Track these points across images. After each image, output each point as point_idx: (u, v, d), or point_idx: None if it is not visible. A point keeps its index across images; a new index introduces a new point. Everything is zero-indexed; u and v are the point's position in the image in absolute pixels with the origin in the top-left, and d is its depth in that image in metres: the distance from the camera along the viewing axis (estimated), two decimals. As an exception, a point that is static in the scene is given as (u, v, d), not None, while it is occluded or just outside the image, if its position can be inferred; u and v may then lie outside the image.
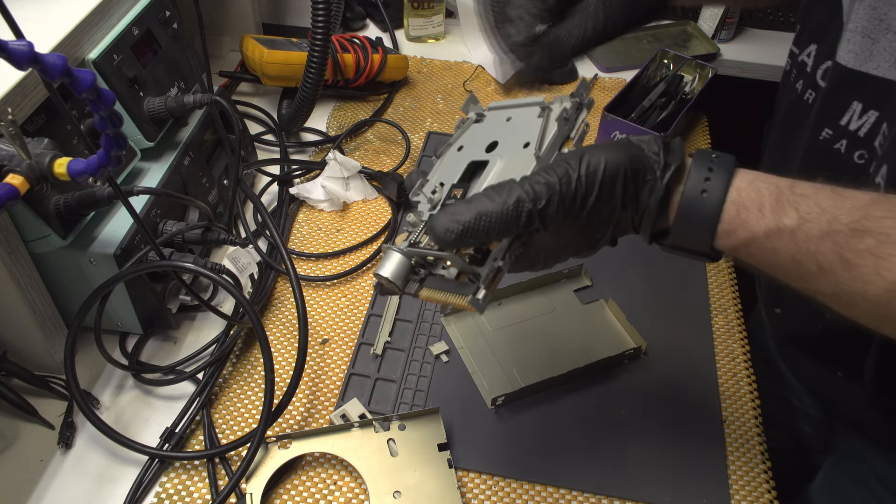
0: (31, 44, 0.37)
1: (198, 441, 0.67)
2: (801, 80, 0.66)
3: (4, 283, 0.61)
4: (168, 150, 0.78)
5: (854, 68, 0.58)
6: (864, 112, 0.58)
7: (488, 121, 0.58)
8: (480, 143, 0.55)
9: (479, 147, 0.55)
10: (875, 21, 0.56)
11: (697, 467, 0.66)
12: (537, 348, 0.75)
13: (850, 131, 0.59)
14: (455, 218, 0.44)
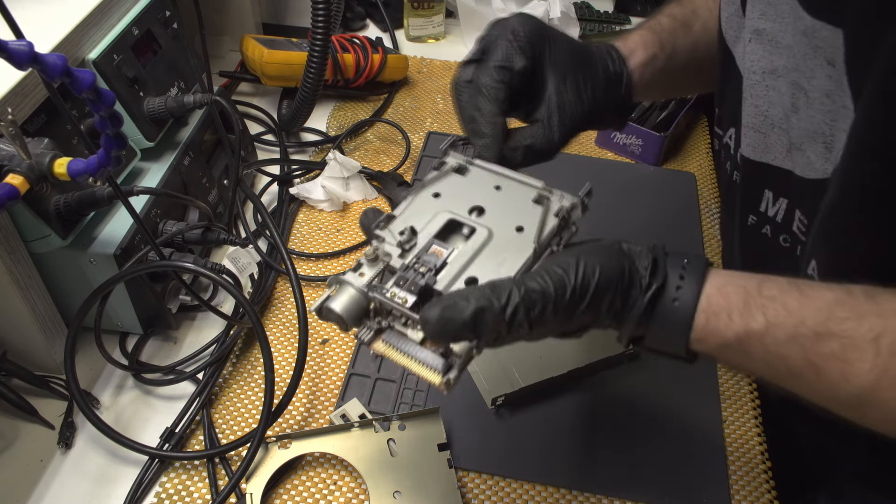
0: (31, 44, 0.37)
1: (198, 441, 0.67)
2: (728, 161, 0.67)
3: (4, 283, 0.61)
4: (168, 150, 0.78)
5: (755, 160, 0.60)
6: (775, 199, 0.59)
7: (472, 178, 0.53)
8: (463, 201, 0.50)
9: (461, 204, 0.50)
10: (760, 117, 0.58)
11: (697, 467, 0.66)
12: (537, 348, 0.75)
13: (770, 217, 0.60)
14: (452, 315, 0.41)
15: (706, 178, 0.98)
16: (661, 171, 0.99)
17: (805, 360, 0.42)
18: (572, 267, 0.44)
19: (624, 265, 0.45)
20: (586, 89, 0.58)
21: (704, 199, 0.95)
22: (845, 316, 0.41)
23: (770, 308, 0.43)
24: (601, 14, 1.30)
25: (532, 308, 0.43)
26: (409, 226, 0.49)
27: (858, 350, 0.41)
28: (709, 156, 1.02)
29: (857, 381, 0.41)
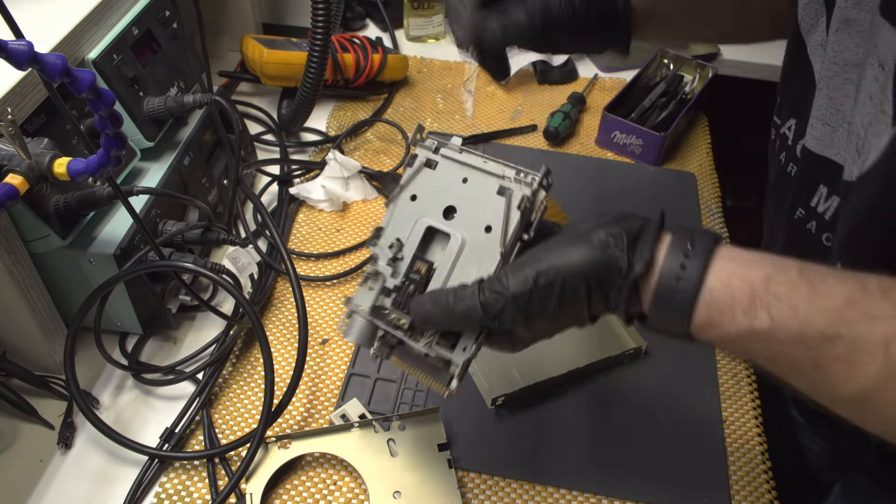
0: (31, 44, 0.37)
1: (198, 441, 0.67)
2: (783, 152, 0.66)
3: (4, 283, 0.61)
4: (168, 150, 0.78)
5: (818, 153, 0.59)
6: (828, 196, 0.58)
7: (442, 172, 0.55)
8: (436, 203, 0.54)
9: (434, 207, 0.54)
10: (833, 111, 0.57)
11: (697, 467, 0.66)
12: (537, 348, 0.74)
13: (819, 213, 0.60)
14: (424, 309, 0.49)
15: (706, 178, 0.98)
16: (661, 171, 0.99)
17: (810, 361, 0.41)
18: (532, 271, 0.45)
19: (595, 257, 0.44)
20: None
21: (704, 199, 0.95)
22: (856, 319, 0.40)
23: (776, 308, 0.42)
24: (601, 14, 1.30)
25: (489, 309, 0.46)
26: (395, 238, 0.55)
27: (867, 353, 0.40)
28: (709, 156, 1.02)
29: (862, 382, 0.40)
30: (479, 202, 0.53)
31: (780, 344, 0.42)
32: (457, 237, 0.52)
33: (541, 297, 0.45)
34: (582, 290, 0.45)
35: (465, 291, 0.47)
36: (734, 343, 0.44)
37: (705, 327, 0.44)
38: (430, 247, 0.54)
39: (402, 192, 0.56)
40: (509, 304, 0.45)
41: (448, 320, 0.49)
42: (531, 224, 0.51)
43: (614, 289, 0.45)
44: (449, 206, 0.54)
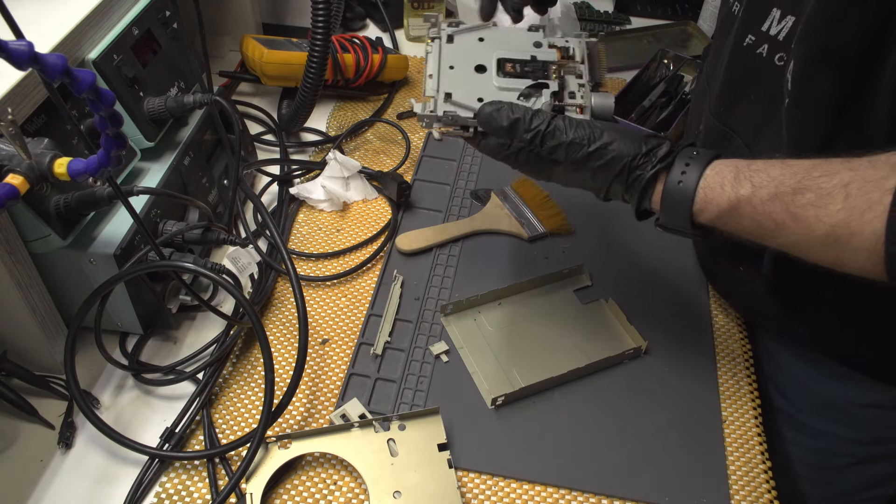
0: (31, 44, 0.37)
1: (198, 441, 0.67)
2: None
3: (4, 283, 0.62)
4: (168, 150, 0.78)
5: None
6: (782, 17, 0.63)
7: (460, 44, 0.72)
8: (471, 62, 0.69)
9: (471, 64, 0.69)
10: None
11: (697, 467, 0.66)
12: (537, 348, 0.75)
13: (771, 36, 0.64)
14: (495, 116, 0.60)
15: (706, 178, 0.98)
16: (661, 171, 0.99)
17: (786, 213, 0.50)
18: (599, 132, 0.58)
19: (639, 151, 0.57)
20: None
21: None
22: (819, 174, 0.49)
23: (756, 177, 0.52)
24: (601, 14, 1.30)
25: (545, 141, 0.59)
26: (445, 91, 0.66)
27: (830, 196, 0.48)
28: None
29: (829, 219, 0.48)
30: (509, 44, 0.71)
31: (762, 204, 0.51)
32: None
33: (592, 157, 0.58)
34: (616, 168, 0.57)
35: (539, 115, 0.59)
36: (727, 215, 0.54)
37: (703, 207, 0.55)
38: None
39: (439, 65, 0.68)
40: (563, 145, 0.58)
41: (508, 130, 0.59)
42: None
43: (638, 177, 0.57)
44: (479, 65, 0.69)
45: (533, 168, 0.62)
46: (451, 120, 0.63)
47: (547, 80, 0.67)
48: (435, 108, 0.64)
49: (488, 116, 0.60)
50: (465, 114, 0.63)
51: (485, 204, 0.91)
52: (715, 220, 0.55)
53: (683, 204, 0.55)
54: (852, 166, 0.48)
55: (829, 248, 0.49)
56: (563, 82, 0.68)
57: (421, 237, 0.86)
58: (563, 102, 0.67)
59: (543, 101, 0.65)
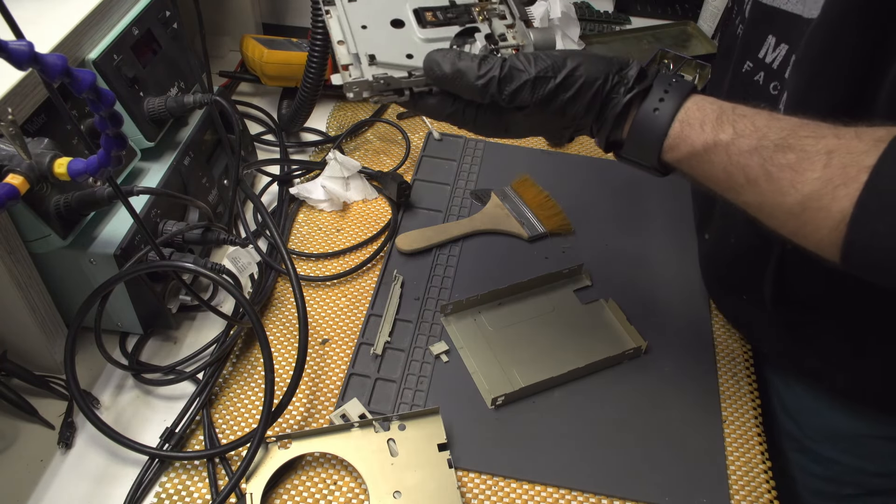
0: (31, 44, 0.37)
1: (198, 441, 0.67)
2: (739, 16, 0.69)
3: (4, 283, 0.61)
4: (168, 150, 0.78)
5: (768, 3, 0.62)
6: (776, 45, 0.61)
7: (365, 0, 0.62)
8: (384, 18, 0.61)
9: (385, 20, 0.60)
10: None
11: (697, 467, 0.66)
12: (537, 348, 0.75)
13: (766, 63, 0.63)
14: (440, 65, 0.53)
15: (706, 178, 0.98)
16: (661, 171, 0.99)
17: (762, 169, 0.46)
18: (562, 60, 0.52)
19: (611, 70, 0.52)
20: None
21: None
22: (806, 134, 0.46)
23: (740, 123, 0.48)
24: (601, 14, 1.30)
25: (506, 83, 0.51)
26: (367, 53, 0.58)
27: (810, 161, 0.45)
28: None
29: (803, 188, 0.45)
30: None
31: (739, 155, 0.47)
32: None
33: (560, 88, 0.52)
34: (589, 96, 0.52)
35: (489, 59, 0.52)
36: (699, 158, 0.49)
37: (676, 143, 0.50)
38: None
39: (351, 29, 0.59)
40: (528, 84, 0.51)
41: (459, 83, 0.52)
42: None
43: (611, 103, 0.52)
44: (395, 20, 0.60)
45: (486, 122, 0.56)
46: (385, 84, 0.56)
47: (475, 24, 0.61)
48: (361, 73, 0.56)
49: (431, 64, 0.53)
50: (398, 74, 0.56)
51: (485, 204, 0.91)
52: (683, 159, 0.51)
53: (655, 134, 0.51)
54: (839, 134, 0.45)
55: (794, 217, 0.46)
56: (492, 25, 0.62)
57: (421, 237, 0.86)
58: (498, 45, 0.60)
59: (479, 47, 0.59)
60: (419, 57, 0.55)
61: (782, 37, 0.60)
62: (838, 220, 0.44)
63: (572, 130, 0.55)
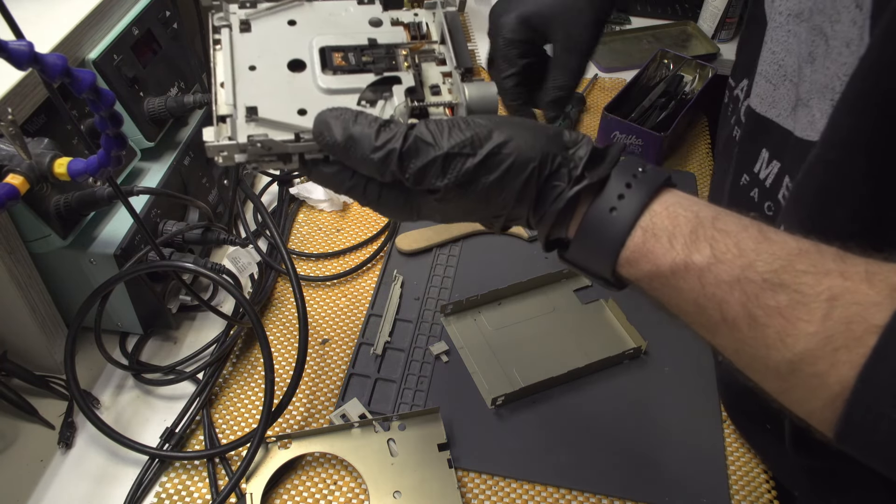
0: (31, 44, 0.37)
1: (198, 441, 0.67)
2: (733, 116, 0.64)
3: (4, 283, 0.61)
4: (168, 150, 0.78)
5: (761, 113, 0.57)
6: (769, 161, 0.55)
7: (262, 32, 0.49)
8: (281, 57, 0.48)
9: (282, 60, 0.47)
10: (775, 66, 0.54)
11: (697, 467, 0.66)
12: (537, 348, 0.75)
13: (760, 179, 0.56)
14: (330, 130, 0.41)
15: (706, 178, 0.98)
16: (661, 171, 0.99)
17: (744, 310, 0.36)
18: (486, 132, 0.40)
19: (554, 150, 0.40)
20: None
21: (704, 198, 0.94)
22: (804, 269, 0.36)
23: (720, 242, 0.38)
24: (601, 14, 1.30)
25: (414, 156, 0.40)
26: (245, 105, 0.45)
27: (807, 308, 0.35)
28: (709, 156, 1.02)
29: (795, 344, 0.35)
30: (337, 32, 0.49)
31: (717, 285, 0.37)
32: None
33: (482, 169, 0.40)
34: (521, 180, 0.40)
35: (391, 127, 0.40)
36: (664, 280, 0.39)
37: (636, 258, 0.39)
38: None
39: (233, 67, 0.46)
40: (437, 162, 0.40)
41: (352, 154, 0.41)
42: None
43: (554, 194, 0.41)
44: (293, 61, 0.47)
45: (392, 203, 0.43)
46: (263, 148, 0.42)
47: (397, 72, 0.48)
48: (234, 133, 0.43)
49: (321, 128, 0.41)
50: (281, 135, 0.43)
51: (485, 204, 0.91)
52: (644, 279, 0.40)
53: (610, 243, 0.40)
54: (846, 273, 0.35)
55: (779, 378, 0.37)
56: (420, 73, 0.49)
57: (421, 237, 0.86)
58: (425, 102, 0.47)
59: (397, 105, 0.46)
60: (314, 113, 0.43)
61: (774, 153, 0.54)
62: (836, 392, 0.34)
63: (503, 220, 0.44)
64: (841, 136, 0.44)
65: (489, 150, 0.40)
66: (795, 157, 0.51)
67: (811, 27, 0.49)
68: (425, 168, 0.40)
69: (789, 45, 0.53)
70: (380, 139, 0.40)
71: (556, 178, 0.40)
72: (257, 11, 0.50)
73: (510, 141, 0.40)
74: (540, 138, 0.40)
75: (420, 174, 0.40)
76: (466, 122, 0.41)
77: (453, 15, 0.51)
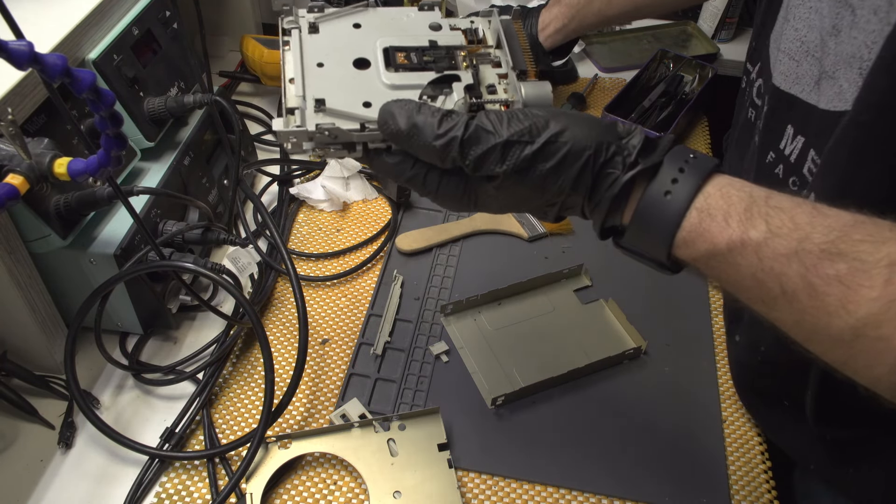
0: (31, 44, 0.37)
1: (198, 441, 0.67)
2: (748, 100, 0.65)
3: (4, 283, 0.61)
4: (168, 150, 0.78)
5: (785, 90, 0.57)
6: (794, 137, 0.55)
7: (329, 33, 0.54)
8: (347, 56, 0.51)
9: (348, 59, 0.51)
10: (797, 42, 0.55)
11: (697, 467, 0.66)
12: (537, 348, 0.75)
13: (786, 156, 0.57)
14: (395, 120, 0.43)
15: (706, 178, 0.98)
16: (661, 171, 0.99)
17: (803, 281, 0.37)
18: (543, 122, 0.42)
19: (606, 139, 0.42)
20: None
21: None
22: (861, 238, 0.36)
23: (775, 218, 0.38)
24: (601, 14, 1.30)
25: (475, 143, 0.42)
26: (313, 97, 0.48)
27: (867, 275, 0.35)
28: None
29: (857, 310, 0.35)
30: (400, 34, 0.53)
31: (774, 259, 0.38)
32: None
33: (539, 157, 0.42)
34: (577, 168, 0.41)
35: (453, 117, 0.42)
36: (721, 259, 0.40)
37: (692, 238, 0.40)
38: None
39: (302, 65, 0.50)
40: (497, 149, 0.41)
41: (415, 142, 0.43)
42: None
43: (607, 181, 0.42)
44: (359, 59, 0.51)
45: (450, 192, 0.45)
46: (330, 136, 0.46)
47: (457, 71, 0.51)
48: (303, 121, 0.46)
49: (386, 117, 0.44)
50: (347, 125, 0.46)
51: (485, 204, 0.91)
52: (700, 258, 0.41)
53: (666, 225, 0.41)
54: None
55: (842, 345, 0.37)
56: (478, 74, 0.52)
57: (421, 237, 0.86)
58: (482, 99, 0.50)
59: (456, 100, 0.49)
60: (379, 105, 0.45)
61: (799, 128, 0.55)
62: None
63: (558, 209, 0.45)
64: (876, 99, 0.45)
65: (546, 139, 0.41)
66: (821, 131, 0.52)
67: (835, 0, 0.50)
68: (485, 155, 0.42)
69: (811, 20, 0.54)
70: (442, 127, 0.42)
71: (610, 166, 0.42)
72: (324, 15, 0.55)
73: (566, 130, 0.41)
74: (594, 128, 0.42)
75: (480, 160, 0.42)
76: (525, 113, 0.42)
77: (508, 22, 0.55)
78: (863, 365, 0.37)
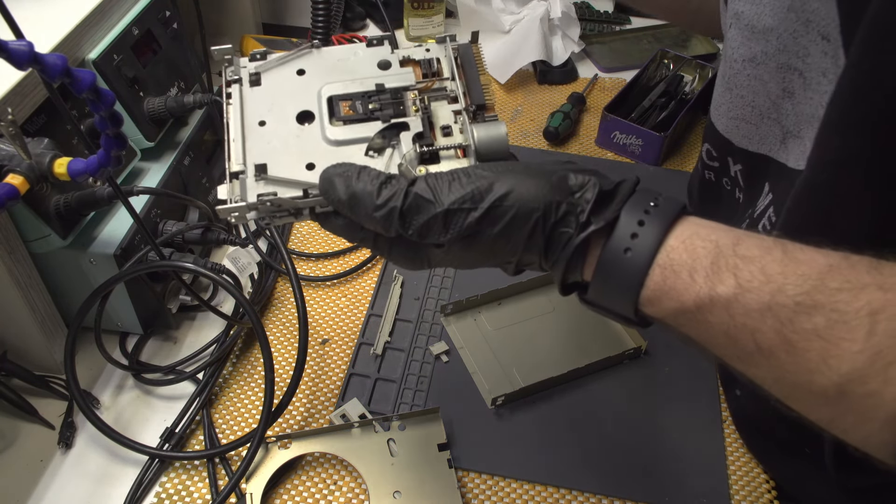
0: (31, 44, 0.37)
1: (198, 441, 0.67)
2: (705, 166, 0.70)
3: (4, 283, 0.61)
4: (168, 150, 0.78)
5: (754, 151, 0.59)
6: (767, 194, 0.57)
7: (271, 84, 0.50)
8: (289, 109, 0.48)
9: (290, 113, 0.48)
10: (748, 108, 0.58)
11: (697, 467, 0.66)
12: (537, 348, 0.75)
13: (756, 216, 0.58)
14: (334, 188, 0.41)
15: (706, 178, 0.98)
16: (662, 171, 0.99)
17: (779, 336, 0.35)
18: (486, 185, 0.40)
19: (558, 198, 0.39)
20: None
21: (704, 199, 0.95)
22: (838, 287, 0.34)
23: (744, 270, 0.36)
24: (601, 14, 1.30)
25: (416, 213, 0.40)
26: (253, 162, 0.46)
27: (847, 327, 0.33)
28: (709, 156, 1.02)
29: (840, 366, 0.33)
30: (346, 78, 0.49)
31: (746, 315, 0.35)
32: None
33: (485, 222, 0.39)
34: (527, 230, 0.39)
35: (392, 184, 0.40)
36: (690, 316, 0.37)
37: (657, 296, 0.38)
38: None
39: (244, 124, 0.47)
40: (438, 218, 0.39)
41: (356, 212, 0.41)
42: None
43: (563, 240, 0.40)
44: (302, 112, 0.48)
45: (401, 255, 0.44)
46: (272, 206, 0.43)
47: (405, 118, 0.47)
48: (244, 193, 0.44)
49: (326, 185, 0.42)
50: (289, 192, 0.44)
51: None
52: (669, 316, 0.38)
53: (629, 285, 0.38)
54: (884, 283, 0.33)
55: (827, 403, 0.34)
56: (430, 114, 0.48)
57: (421, 237, 0.86)
58: (433, 147, 0.46)
59: (405, 152, 0.45)
60: (322, 167, 0.43)
61: (773, 186, 0.55)
62: (893, 410, 0.32)
63: (514, 267, 0.43)
64: (829, 158, 0.44)
65: (490, 203, 0.39)
66: (789, 188, 0.52)
67: (776, 67, 0.52)
68: (427, 225, 0.40)
69: (754, 87, 0.55)
70: (381, 197, 0.40)
71: (563, 225, 0.39)
72: (267, 63, 0.51)
73: (511, 192, 0.39)
74: (543, 186, 0.39)
75: (423, 230, 0.40)
76: (467, 175, 0.40)
77: (465, 48, 0.50)
78: (851, 423, 0.35)
